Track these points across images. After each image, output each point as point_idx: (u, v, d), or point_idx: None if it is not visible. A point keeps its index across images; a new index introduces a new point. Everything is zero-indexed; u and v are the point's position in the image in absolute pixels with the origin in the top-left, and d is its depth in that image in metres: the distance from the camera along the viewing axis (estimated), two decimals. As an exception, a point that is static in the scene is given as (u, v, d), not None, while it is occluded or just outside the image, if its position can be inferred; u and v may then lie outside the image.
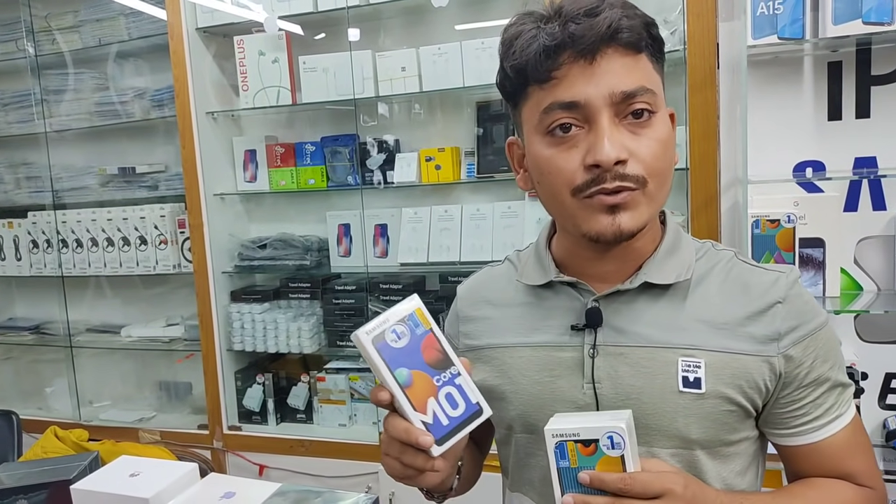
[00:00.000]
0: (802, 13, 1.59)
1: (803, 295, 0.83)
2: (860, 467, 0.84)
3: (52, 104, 2.69)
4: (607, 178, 0.75)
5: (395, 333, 0.73)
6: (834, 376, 0.82)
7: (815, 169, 1.75)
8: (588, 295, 0.85)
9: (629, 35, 0.75)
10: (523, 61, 0.77)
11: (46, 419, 2.63)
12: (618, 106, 0.76)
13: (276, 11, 2.26)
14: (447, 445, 0.72)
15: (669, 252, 0.85)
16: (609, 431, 0.71)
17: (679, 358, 0.80)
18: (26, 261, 2.81)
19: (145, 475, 0.83)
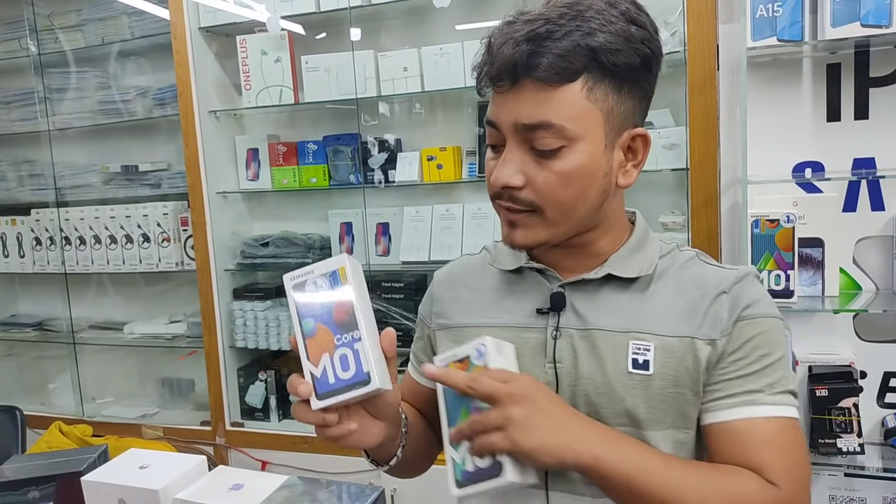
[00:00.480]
0: (801, 15, 1.60)
1: (752, 287, 0.86)
2: (773, 463, 0.79)
3: (54, 102, 2.70)
4: (503, 196, 0.83)
5: (314, 285, 0.77)
6: (764, 366, 0.83)
7: (814, 169, 1.77)
8: (555, 281, 0.91)
9: (542, 71, 0.77)
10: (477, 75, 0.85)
11: (49, 415, 2.65)
12: (523, 135, 0.80)
13: (279, 11, 2.27)
14: (326, 402, 0.74)
15: (634, 250, 0.90)
16: (476, 345, 0.80)
17: (630, 341, 0.85)
18: (29, 258, 2.82)
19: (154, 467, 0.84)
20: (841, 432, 1.63)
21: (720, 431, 0.83)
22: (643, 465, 0.77)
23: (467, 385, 0.77)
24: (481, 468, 0.78)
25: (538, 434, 0.75)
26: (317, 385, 0.75)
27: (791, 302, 1.66)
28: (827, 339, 1.78)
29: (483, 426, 0.76)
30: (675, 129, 1.89)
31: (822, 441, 1.63)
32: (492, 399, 0.76)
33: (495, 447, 0.76)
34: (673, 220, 1.94)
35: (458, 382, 0.77)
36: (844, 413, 1.63)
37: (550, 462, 0.76)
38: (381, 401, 0.80)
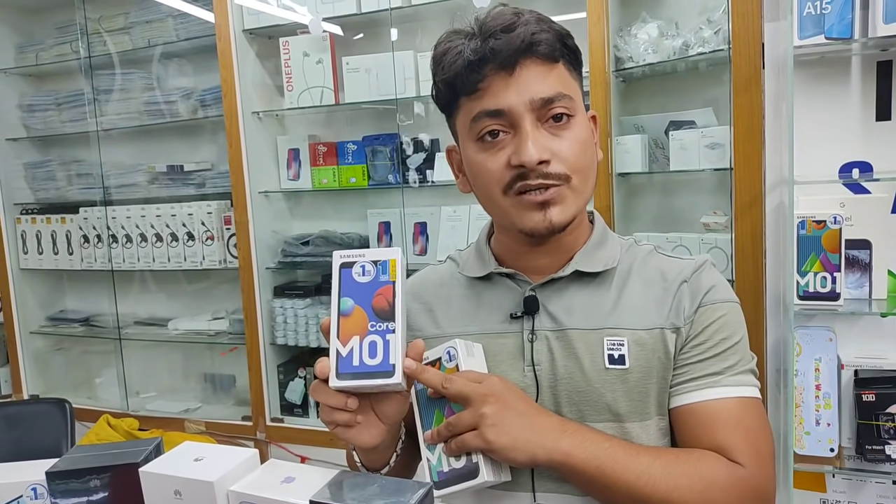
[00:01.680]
0: (851, 12, 1.57)
1: (710, 275, 0.91)
2: (738, 443, 0.82)
3: (102, 103, 2.78)
4: (531, 177, 0.83)
5: (362, 268, 0.77)
6: (725, 348, 0.87)
7: (862, 170, 1.73)
8: (525, 285, 0.92)
9: (544, 47, 0.83)
10: (452, 76, 0.85)
11: (96, 408, 2.73)
12: (538, 111, 0.84)
13: (321, 13, 2.30)
14: (345, 383, 0.74)
15: (597, 245, 0.93)
16: (448, 347, 0.82)
17: (604, 338, 0.87)
18: (77, 255, 2.90)
19: (208, 460, 0.86)
20: (889, 439, 1.59)
21: (685, 414, 0.86)
22: (611, 455, 0.80)
23: (441, 384, 0.79)
24: (456, 468, 0.80)
25: (509, 432, 0.78)
26: (339, 364, 0.75)
27: (837, 305, 1.63)
28: (874, 343, 1.74)
29: (457, 427, 0.79)
30: (717, 129, 1.87)
31: (869, 447, 1.59)
32: (464, 399, 0.79)
33: (469, 446, 0.78)
34: (715, 221, 1.91)
35: (432, 380, 0.79)
36: (893, 419, 1.59)
37: (522, 459, 0.78)
38: (391, 402, 0.80)
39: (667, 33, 1.98)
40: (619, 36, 2.03)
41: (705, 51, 1.86)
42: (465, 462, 0.80)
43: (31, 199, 3.00)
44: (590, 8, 1.91)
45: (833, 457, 1.66)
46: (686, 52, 1.91)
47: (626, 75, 2.07)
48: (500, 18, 0.84)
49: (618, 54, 2.01)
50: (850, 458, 1.68)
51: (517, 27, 0.82)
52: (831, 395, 1.66)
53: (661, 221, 2.13)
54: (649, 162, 2.05)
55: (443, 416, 0.82)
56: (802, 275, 1.63)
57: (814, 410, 1.66)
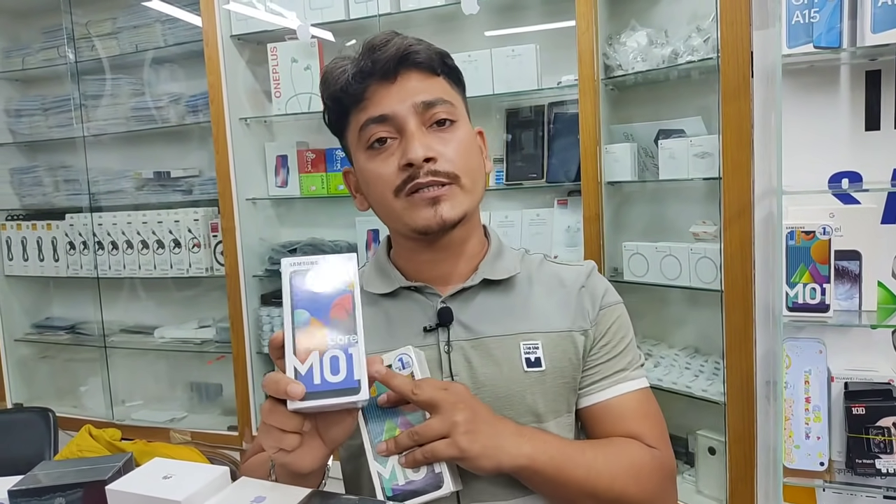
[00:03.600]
0: (840, 21, 1.56)
1: (600, 279, 1.00)
2: (648, 430, 0.92)
3: (90, 109, 2.76)
4: (420, 174, 0.86)
5: (315, 276, 0.72)
6: (624, 346, 0.96)
7: (851, 180, 1.72)
8: (434, 297, 0.94)
9: (421, 56, 0.88)
10: (338, 90, 0.90)
11: (81, 417, 2.69)
12: (422, 115, 0.88)
13: (309, 19, 2.29)
14: (307, 404, 0.68)
15: (497, 255, 0.98)
16: (399, 355, 0.80)
17: (520, 342, 0.91)
18: (63, 262, 2.88)
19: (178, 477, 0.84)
20: (880, 452, 1.57)
21: (600, 410, 0.94)
22: (565, 454, 0.85)
23: (411, 391, 0.78)
24: (415, 480, 0.78)
25: (481, 439, 0.79)
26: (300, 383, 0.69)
27: (827, 316, 1.61)
28: (864, 356, 1.72)
29: (425, 436, 0.77)
30: (707, 137, 1.85)
31: (859, 461, 1.58)
32: (433, 406, 0.78)
33: (440, 455, 0.77)
34: (704, 231, 1.90)
35: (402, 387, 0.78)
36: (883, 433, 1.58)
37: (489, 466, 0.79)
38: (340, 424, 0.75)
39: (656, 41, 1.97)
40: (609, 44, 2.02)
41: (695, 59, 1.85)
42: (426, 473, 0.78)
43: (16, 205, 2.97)
44: (579, 16, 1.90)
45: (823, 471, 1.64)
46: (675, 60, 1.90)
47: (616, 83, 2.06)
48: (380, 37, 0.89)
49: (607, 62, 2.00)
50: (840, 471, 1.66)
51: (393, 41, 0.88)
52: (821, 408, 1.64)
53: (650, 231, 2.12)
54: (639, 171, 2.03)
55: (395, 426, 0.79)
56: (791, 286, 1.62)
57: (803, 423, 1.64)
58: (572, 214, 2.14)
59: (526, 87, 2.11)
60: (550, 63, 2.09)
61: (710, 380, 1.93)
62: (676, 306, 2.09)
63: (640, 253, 1.99)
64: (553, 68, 2.11)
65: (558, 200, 2.19)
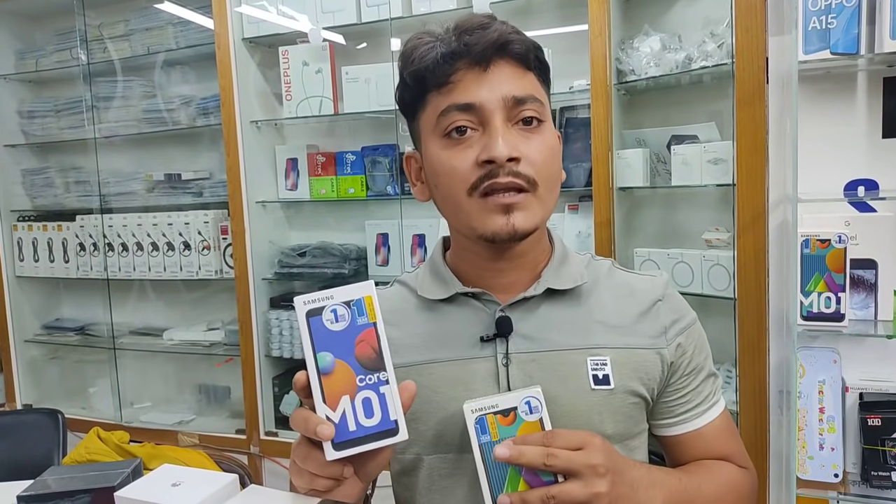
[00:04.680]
0: (857, 27, 1.54)
1: (677, 294, 0.94)
2: (736, 450, 0.93)
3: (101, 111, 2.76)
4: (500, 174, 0.79)
5: (333, 314, 0.68)
6: (708, 366, 0.93)
7: (867, 188, 1.70)
8: (492, 305, 0.87)
9: (518, 47, 0.82)
10: (422, 68, 0.82)
11: (89, 419, 2.70)
12: (510, 111, 0.81)
13: (321, 22, 2.29)
14: (344, 453, 0.66)
15: (562, 262, 0.91)
16: (527, 397, 0.72)
17: (587, 358, 0.85)
18: (73, 263, 2.88)
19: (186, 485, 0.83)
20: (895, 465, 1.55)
21: (691, 439, 0.91)
22: (686, 493, 0.83)
23: (544, 462, 0.70)
24: None
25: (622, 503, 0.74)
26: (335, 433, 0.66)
27: (842, 326, 1.59)
28: (880, 366, 1.70)
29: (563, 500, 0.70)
30: (720, 143, 1.84)
31: (875, 473, 1.55)
32: (572, 473, 0.71)
33: None
34: (717, 238, 1.88)
35: (535, 461, 0.70)
36: (899, 444, 1.56)
37: None
38: (375, 461, 0.72)
39: (669, 46, 1.95)
40: (622, 49, 2.00)
41: (708, 65, 1.84)
42: None
43: (28, 206, 2.98)
44: (591, 20, 1.89)
45: (837, 482, 1.62)
46: (689, 65, 1.88)
47: (628, 88, 2.05)
48: (475, 20, 0.82)
49: (620, 67, 1.99)
50: (854, 483, 1.64)
51: (492, 26, 0.81)
52: (835, 419, 1.62)
53: (662, 237, 2.10)
54: (651, 176, 2.02)
55: (518, 476, 0.71)
56: (806, 294, 1.60)
57: (817, 434, 1.62)
58: (583, 220, 2.13)
59: (538, 92, 2.09)
60: (562, 67, 2.08)
61: (723, 388, 1.90)
62: (688, 313, 2.07)
63: (652, 259, 1.98)
64: (565, 73, 2.09)
65: (569, 205, 2.18)
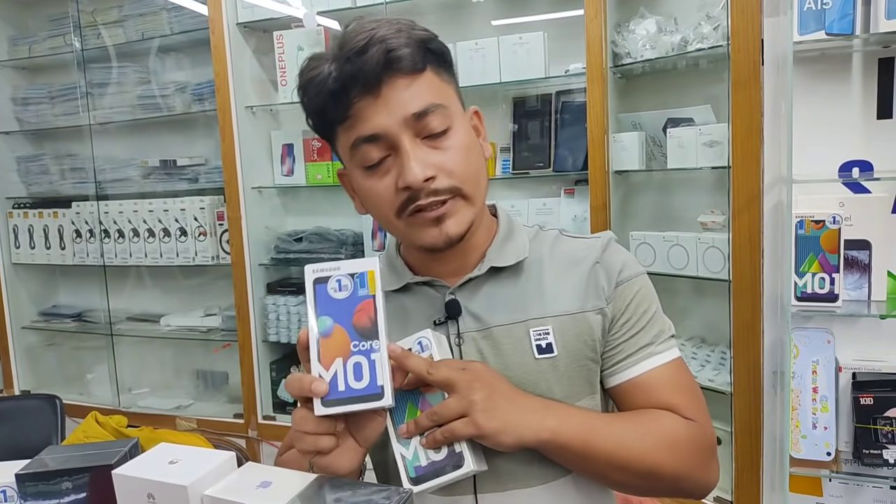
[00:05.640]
0: (853, 8, 1.54)
1: (618, 252, 0.94)
2: (682, 402, 0.89)
3: (96, 97, 2.76)
4: (420, 196, 0.82)
5: (338, 283, 0.74)
6: (648, 319, 0.92)
7: (862, 169, 1.70)
8: (443, 290, 0.92)
9: (404, 63, 0.80)
10: (320, 106, 0.84)
11: (87, 405, 2.70)
12: (413, 127, 0.82)
13: (315, 7, 2.28)
14: (332, 410, 0.71)
15: (506, 239, 0.94)
16: (419, 338, 0.80)
17: (530, 329, 0.88)
18: (70, 250, 2.88)
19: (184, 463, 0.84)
20: (887, 443, 1.56)
21: (629, 388, 0.90)
22: (592, 427, 0.83)
23: (426, 371, 0.77)
24: (437, 461, 0.78)
25: (499, 415, 0.77)
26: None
27: (836, 306, 1.60)
28: (873, 346, 1.71)
29: (443, 415, 0.77)
30: (716, 126, 1.84)
31: (866, 452, 1.57)
32: (450, 385, 0.77)
33: (459, 434, 0.76)
34: (713, 220, 1.89)
35: (417, 367, 0.77)
36: (891, 423, 1.57)
37: (510, 442, 0.78)
38: (371, 424, 0.77)
39: (665, 29, 1.95)
40: (617, 32, 2.00)
41: (704, 47, 1.84)
42: (447, 453, 0.78)
43: (23, 193, 2.98)
44: (587, 3, 1.89)
45: (830, 461, 1.63)
46: (685, 48, 1.88)
47: (624, 71, 2.04)
48: (355, 39, 0.80)
49: (615, 50, 1.99)
50: (847, 462, 1.65)
51: (372, 47, 0.79)
52: (828, 398, 1.63)
53: (658, 220, 2.11)
54: (647, 160, 2.02)
55: (416, 408, 0.79)
56: (800, 275, 1.61)
57: (811, 413, 1.63)
58: (579, 204, 2.13)
59: (533, 76, 2.09)
60: (558, 51, 2.08)
61: (717, 370, 1.92)
62: (683, 296, 2.08)
63: (648, 242, 1.98)
64: (561, 56, 2.09)
65: (565, 189, 2.18)
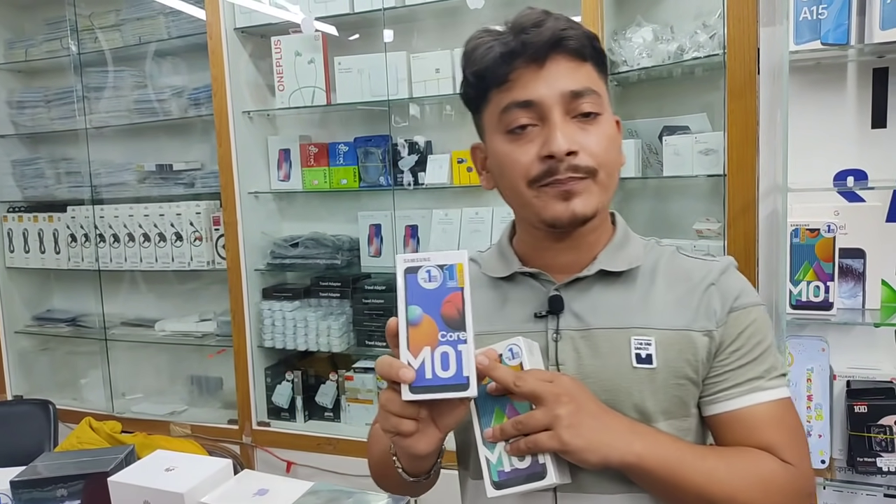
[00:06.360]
0: (848, 18, 1.55)
1: (736, 278, 0.92)
2: (782, 443, 0.86)
3: (92, 101, 2.75)
4: (560, 170, 0.83)
5: (427, 274, 0.76)
6: (760, 353, 0.88)
7: (856, 178, 1.71)
8: (549, 285, 0.92)
9: (573, 43, 0.84)
10: (482, 68, 0.87)
11: (81, 410, 2.69)
12: (567, 105, 0.84)
13: (313, 12, 2.28)
14: (419, 397, 0.73)
15: (620, 245, 0.94)
16: (509, 345, 0.80)
17: (631, 337, 0.87)
18: (64, 254, 2.87)
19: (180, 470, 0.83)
20: (881, 451, 1.57)
21: (729, 420, 0.88)
22: (680, 457, 0.81)
23: (513, 382, 0.76)
24: (520, 469, 0.78)
25: (585, 433, 0.77)
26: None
27: (830, 314, 1.61)
28: (867, 354, 1.72)
29: (528, 426, 0.77)
30: (711, 134, 1.85)
31: (860, 459, 1.57)
32: (537, 398, 0.77)
33: (542, 447, 0.76)
34: (708, 228, 1.89)
35: (504, 378, 0.77)
36: (885, 431, 1.58)
37: (595, 460, 0.77)
38: (453, 412, 0.78)
39: (662, 37, 1.96)
40: (614, 39, 2.01)
41: (700, 55, 1.85)
42: (531, 462, 0.78)
43: (18, 197, 2.96)
44: (584, 11, 1.89)
45: (824, 468, 1.64)
46: (681, 56, 1.89)
47: (621, 79, 2.05)
48: (531, 16, 0.85)
49: (612, 58, 1.99)
50: (841, 469, 1.66)
51: (547, 23, 0.84)
52: (823, 406, 1.64)
53: (653, 227, 2.11)
54: (643, 167, 2.03)
55: (503, 414, 0.79)
56: (795, 283, 1.61)
57: (805, 421, 1.64)
58: (575, 211, 2.13)
59: (530, 83, 2.09)
60: (555, 58, 2.08)
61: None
62: (679, 303, 2.08)
63: (644, 250, 1.98)
64: (557, 64, 2.09)
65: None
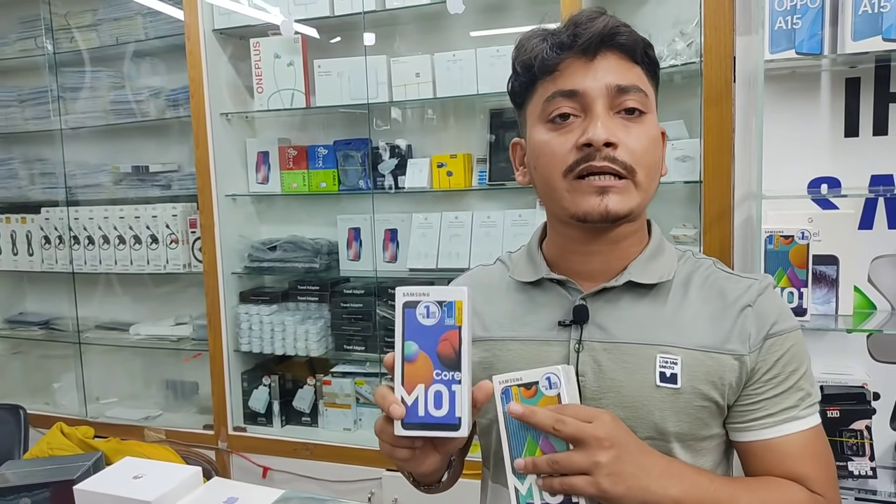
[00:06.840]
0: (821, 28, 1.58)
1: (774, 300, 0.88)
2: (813, 473, 0.84)
3: (68, 101, 2.71)
4: (596, 157, 0.81)
5: (426, 309, 0.75)
6: (795, 380, 0.86)
7: (830, 185, 1.74)
8: (576, 293, 0.89)
9: (625, 39, 0.84)
10: (531, 57, 0.86)
11: (53, 415, 2.64)
12: (612, 99, 0.83)
13: (293, 15, 2.27)
14: (409, 433, 0.73)
15: (653, 256, 0.90)
16: (547, 373, 0.77)
17: (657, 354, 0.84)
18: (38, 256, 2.82)
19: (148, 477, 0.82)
20: (853, 455, 1.59)
21: (761, 449, 0.85)
22: (716, 498, 0.78)
23: (553, 427, 0.74)
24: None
25: (625, 481, 0.74)
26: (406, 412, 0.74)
27: (804, 320, 1.63)
28: (839, 359, 1.74)
29: (565, 468, 0.74)
30: (688, 141, 1.86)
31: (833, 464, 1.59)
32: (578, 442, 0.74)
33: (580, 491, 0.74)
34: (685, 234, 1.91)
35: (544, 423, 0.74)
36: (856, 436, 1.60)
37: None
38: (452, 440, 0.77)
39: (640, 45, 1.97)
40: (593, 46, 2.02)
41: (678, 63, 1.86)
42: (563, 500, 0.76)
43: (-9, 198, 2.91)
44: (564, 17, 1.90)
45: (798, 473, 1.65)
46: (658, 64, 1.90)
47: (599, 86, 2.06)
48: (586, 12, 0.86)
49: (591, 64, 2.00)
50: (814, 474, 1.67)
51: (600, 18, 0.84)
52: (797, 411, 1.65)
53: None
54: (621, 173, 2.04)
55: (535, 444, 0.77)
56: (770, 290, 1.63)
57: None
58: (554, 216, 2.14)
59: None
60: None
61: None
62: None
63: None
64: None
65: (540, 201, 2.19)
